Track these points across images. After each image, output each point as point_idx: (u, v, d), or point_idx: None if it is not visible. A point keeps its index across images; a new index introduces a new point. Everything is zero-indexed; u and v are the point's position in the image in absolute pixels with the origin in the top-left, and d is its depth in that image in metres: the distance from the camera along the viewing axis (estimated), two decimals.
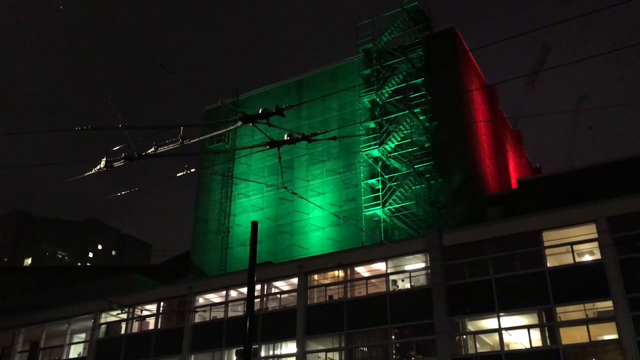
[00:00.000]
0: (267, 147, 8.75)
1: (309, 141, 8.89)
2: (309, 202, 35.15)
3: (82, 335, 37.90)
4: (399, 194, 35.67)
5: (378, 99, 39.15)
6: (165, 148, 8.59)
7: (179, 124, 8.30)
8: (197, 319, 33.30)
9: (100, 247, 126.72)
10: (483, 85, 45.00)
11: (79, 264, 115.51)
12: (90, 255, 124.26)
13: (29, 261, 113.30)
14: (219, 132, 9.48)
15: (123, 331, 35.50)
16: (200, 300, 33.94)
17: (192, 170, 9.36)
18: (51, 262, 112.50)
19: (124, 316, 35.26)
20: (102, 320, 36.31)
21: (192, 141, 8.47)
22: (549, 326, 24.07)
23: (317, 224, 39.25)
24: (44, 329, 38.41)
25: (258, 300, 30.84)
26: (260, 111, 8.25)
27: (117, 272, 54.15)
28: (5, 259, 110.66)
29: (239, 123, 8.21)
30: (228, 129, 8.95)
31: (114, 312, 35.19)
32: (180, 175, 9.45)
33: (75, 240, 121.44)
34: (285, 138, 8.82)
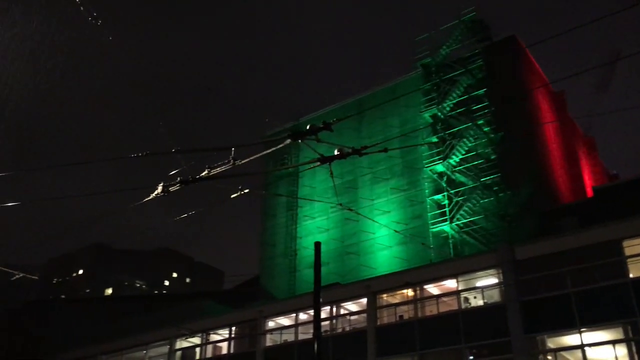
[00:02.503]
0: (318, 163, 8.68)
1: (360, 154, 8.74)
2: (374, 222, 34.76)
3: None
4: (467, 209, 34.74)
5: (440, 113, 38.52)
6: (218, 170, 8.67)
7: (230, 146, 8.36)
8: (269, 342, 33.40)
9: (175, 275, 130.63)
10: (549, 92, 43.44)
11: (156, 292, 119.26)
12: (167, 283, 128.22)
13: (109, 291, 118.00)
14: (272, 150, 9.40)
15: (198, 356, 36.05)
16: (271, 324, 34.07)
17: (247, 190, 9.40)
18: (130, 292, 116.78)
19: (198, 341, 35.84)
20: (178, 346, 37.05)
21: (243, 162, 8.51)
22: (636, 341, 22.53)
23: (383, 243, 38.74)
24: (122, 356, 39.63)
25: (327, 322, 30.61)
26: (307, 127, 8.21)
27: (191, 298, 55.42)
28: (88, 290, 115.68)
29: (288, 140, 8.20)
30: (278, 146, 8.94)
31: (189, 338, 35.86)
32: (235, 197, 9.53)
33: (150, 269, 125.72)
34: (336, 153, 8.72)
